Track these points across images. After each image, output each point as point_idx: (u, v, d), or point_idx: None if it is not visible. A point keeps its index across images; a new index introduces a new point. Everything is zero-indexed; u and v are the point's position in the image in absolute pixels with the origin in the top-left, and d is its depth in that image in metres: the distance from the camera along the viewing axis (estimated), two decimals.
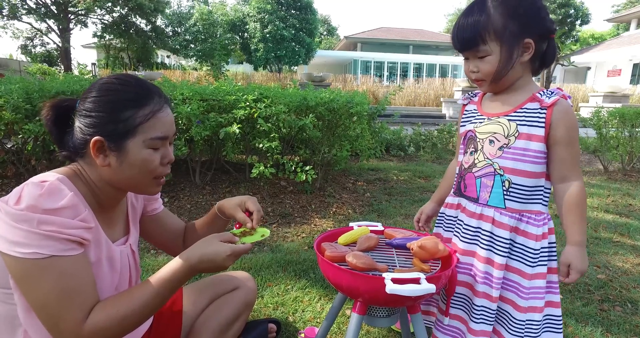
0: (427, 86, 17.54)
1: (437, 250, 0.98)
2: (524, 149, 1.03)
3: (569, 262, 1.01)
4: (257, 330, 1.39)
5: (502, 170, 1.06)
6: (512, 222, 1.05)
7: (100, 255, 0.91)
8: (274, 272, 1.97)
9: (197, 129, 2.89)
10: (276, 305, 1.68)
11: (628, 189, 4.19)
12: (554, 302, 1.08)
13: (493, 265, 1.06)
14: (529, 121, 1.02)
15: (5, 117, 2.72)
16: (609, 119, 5.03)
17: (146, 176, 0.92)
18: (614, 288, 1.94)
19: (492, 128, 1.08)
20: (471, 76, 1.09)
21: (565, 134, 1.01)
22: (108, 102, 0.87)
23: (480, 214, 1.09)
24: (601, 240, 2.65)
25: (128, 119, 0.87)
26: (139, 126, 0.87)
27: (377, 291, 0.85)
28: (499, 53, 1.00)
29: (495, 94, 1.12)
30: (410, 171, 4.65)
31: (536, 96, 1.03)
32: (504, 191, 1.05)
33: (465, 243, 1.11)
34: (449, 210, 1.21)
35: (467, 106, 1.21)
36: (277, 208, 3.07)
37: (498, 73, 1.02)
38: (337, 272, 0.90)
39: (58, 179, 0.83)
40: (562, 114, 1.00)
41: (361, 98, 3.45)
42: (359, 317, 0.97)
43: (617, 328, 1.60)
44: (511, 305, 1.06)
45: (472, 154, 1.12)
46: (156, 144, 0.90)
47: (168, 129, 0.92)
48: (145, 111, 0.88)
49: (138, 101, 0.88)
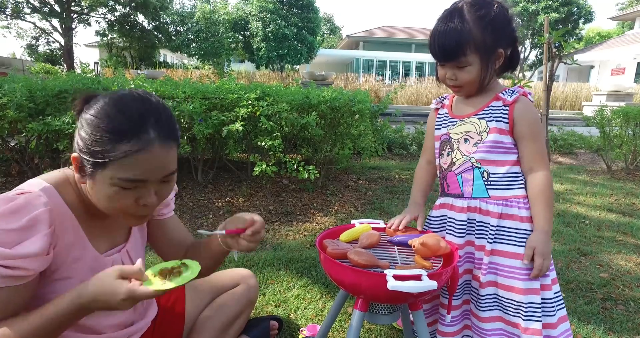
0: (429, 85, 17.48)
1: (439, 247, 0.98)
2: (494, 141, 1.12)
3: (533, 246, 1.06)
4: (259, 327, 1.39)
5: (478, 163, 1.14)
6: (499, 209, 1.12)
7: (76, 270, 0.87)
8: (276, 270, 1.98)
9: (200, 127, 2.90)
10: (278, 302, 1.68)
11: (631, 188, 4.17)
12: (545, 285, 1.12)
13: (483, 251, 1.13)
14: (495, 117, 1.12)
15: (9, 115, 2.73)
16: (612, 118, 5.01)
17: (115, 211, 0.84)
18: (617, 287, 1.93)
19: (465, 127, 1.16)
20: (448, 82, 1.15)
21: (527, 128, 1.10)
22: (95, 125, 0.78)
23: (467, 207, 1.16)
24: (604, 239, 2.64)
25: (102, 151, 0.77)
26: (109, 161, 0.78)
27: (379, 287, 0.85)
28: (479, 64, 1.08)
29: (464, 98, 1.21)
30: (412, 170, 4.63)
31: (499, 95, 1.13)
32: (484, 181, 1.14)
33: (459, 238, 1.16)
34: (435, 211, 1.26)
35: (440, 110, 1.28)
36: (279, 206, 3.07)
37: (477, 82, 1.11)
38: (339, 269, 0.91)
39: (43, 190, 0.81)
40: (522, 110, 1.10)
41: (363, 96, 3.45)
42: (361, 313, 0.97)
43: (620, 327, 1.59)
44: (513, 291, 1.09)
45: (450, 154, 1.20)
46: (127, 185, 0.80)
47: (146, 172, 0.80)
48: (122, 148, 0.77)
49: (121, 135, 0.77)
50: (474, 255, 1.17)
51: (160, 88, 3.14)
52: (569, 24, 23.18)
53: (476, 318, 1.14)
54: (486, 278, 1.11)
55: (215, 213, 2.92)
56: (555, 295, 1.13)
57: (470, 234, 1.17)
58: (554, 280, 1.14)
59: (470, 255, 1.17)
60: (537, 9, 22.52)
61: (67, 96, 3.01)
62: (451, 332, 1.17)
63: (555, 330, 1.10)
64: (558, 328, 1.11)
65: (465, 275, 1.18)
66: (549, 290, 1.11)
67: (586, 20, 23.73)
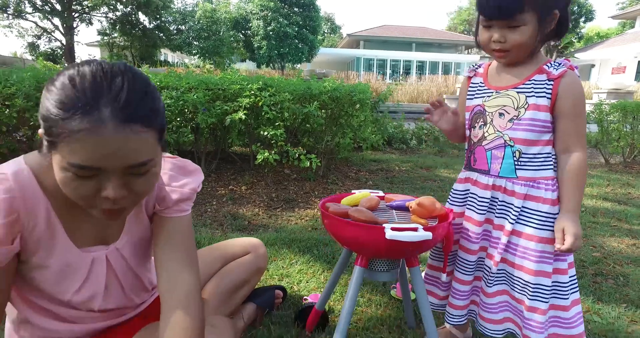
0: (429, 83, 17.55)
1: (435, 208, 1.05)
2: (533, 119, 1.03)
3: (562, 227, 1.01)
4: (265, 295, 1.46)
5: (512, 141, 1.06)
6: (524, 190, 1.06)
7: (50, 259, 0.83)
8: (279, 248, 2.04)
9: (203, 116, 2.97)
10: (281, 276, 1.75)
11: (628, 179, 4.23)
12: (572, 263, 1.11)
13: (503, 231, 1.10)
14: (537, 93, 1.03)
15: (17, 104, 2.80)
16: (610, 112, 5.07)
17: (75, 199, 0.73)
18: (608, 264, 2.00)
19: (501, 101, 1.08)
20: (493, 46, 1.04)
21: (571, 105, 1.01)
22: (46, 97, 0.67)
23: (492, 185, 1.11)
24: (599, 224, 2.70)
25: (51, 128, 0.66)
26: (58, 142, 0.66)
27: (378, 240, 0.91)
28: (535, 24, 0.98)
29: (503, 67, 1.11)
30: (412, 162, 4.71)
31: (543, 68, 1.03)
32: (515, 161, 1.07)
33: (480, 215, 1.13)
34: (459, 185, 1.22)
35: (473, 79, 1.19)
36: (281, 194, 3.14)
37: (528, 46, 1.00)
38: (340, 225, 0.97)
39: (15, 172, 0.75)
40: (569, 85, 1.01)
41: (363, 87, 3.51)
42: (361, 269, 1.04)
43: (608, 297, 1.66)
44: (541, 275, 1.06)
45: (482, 128, 1.12)
46: (80, 172, 0.67)
47: (98, 159, 0.66)
48: (69, 126, 0.64)
49: (69, 111, 0.64)
50: (490, 234, 1.14)
51: (164, 79, 3.21)
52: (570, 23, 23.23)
53: (484, 295, 1.14)
54: (500, 257, 1.10)
55: (219, 200, 2.99)
56: (570, 278, 1.10)
57: (491, 212, 1.13)
58: (570, 264, 1.11)
59: (487, 233, 1.15)
60: None
61: None
62: (460, 305, 1.18)
63: (568, 312, 1.09)
64: (571, 311, 1.10)
65: (480, 253, 1.16)
66: (565, 274, 1.09)
67: (587, 19, 23.80)
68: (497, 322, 1.15)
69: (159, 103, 0.74)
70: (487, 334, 1.15)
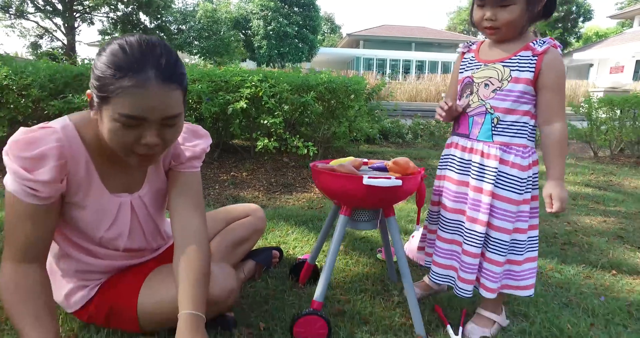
0: (428, 82, 17.73)
1: (409, 166, 1.23)
2: (514, 90, 1.13)
3: (549, 193, 1.12)
4: (264, 254, 1.64)
5: (492, 109, 1.17)
6: (499, 153, 1.16)
7: (87, 201, 1.00)
8: (277, 222, 2.23)
9: (207, 105, 3.16)
10: (278, 243, 1.94)
11: (612, 169, 4.42)
12: (534, 225, 1.24)
13: (482, 192, 1.19)
14: (521, 67, 1.12)
15: (33, 94, 2.99)
16: (599, 106, 5.25)
17: (117, 146, 0.90)
18: (577, 236, 2.19)
19: (488, 73, 1.18)
20: (485, 24, 1.14)
21: (553, 79, 1.11)
22: (101, 61, 0.85)
23: (470, 148, 1.21)
24: (577, 206, 2.89)
25: (106, 85, 0.83)
26: (111, 96, 0.83)
27: (357, 188, 1.10)
28: (524, 3, 1.08)
29: (494, 43, 1.21)
30: (407, 154, 4.90)
31: (529, 44, 1.13)
32: (493, 127, 1.17)
33: (458, 174, 1.24)
34: (445, 150, 1.33)
35: (466, 54, 1.29)
36: (280, 179, 3.33)
37: (517, 24, 1.11)
38: (326, 177, 1.16)
39: (63, 127, 0.92)
40: (551, 61, 1.10)
41: (358, 79, 3.70)
42: (345, 218, 1.22)
43: (571, 260, 1.85)
44: (500, 231, 1.18)
45: (467, 97, 1.22)
46: (127, 122, 0.85)
47: (144, 110, 0.84)
48: (122, 83, 0.82)
49: (122, 71, 0.82)
50: (466, 195, 1.23)
51: None
52: (569, 23, 23.37)
53: (465, 254, 1.23)
54: (483, 219, 1.18)
55: (221, 184, 3.17)
56: (529, 238, 1.22)
57: (467, 174, 1.22)
58: (532, 226, 1.22)
59: (463, 195, 1.24)
60: None
61: (83, 78, 3.28)
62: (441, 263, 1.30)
63: (520, 266, 1.23)
64: (523, 266, 1.23)
65: (456, 214, 1.25)
66: (524, 233, 1.21)
67: (585, 19, 23.96)
68: (470, 282, 1.25)
69: (184, 69, 0.92)
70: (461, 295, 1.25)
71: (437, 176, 1.35)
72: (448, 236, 1.29)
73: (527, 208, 1.21)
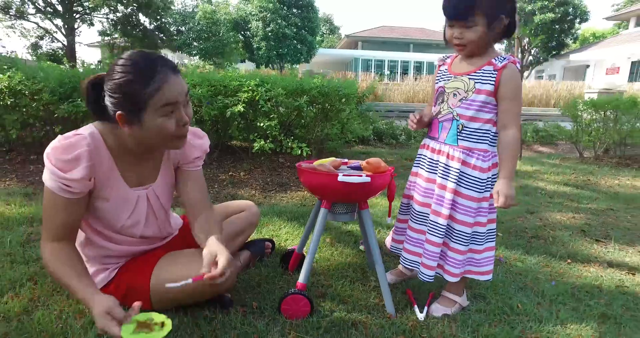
0: (425, 83, 17.93)
1: (380, 166, 1.43)
2: (476, 100, 1.31)
3: (497, 190, 1.30)
4: (257, 245, 1.85)
5: (458, 117, 1.35)
6: (462, 156, 1.34)
7: (111, 194, 1.21)
8: (270, 218, 2.43)
9: (207, 109, 3.36)
10: (272, 236, 2.14)
11: (593, 169, 4.62)
12: (493, 219, 1.42)
13: (446, 189, 1.38)
14: (484, 80, 1.31)
15: (44, 98, 3.19)
16: (584, 108, 5.46)
17: (167, 138, 1.14)
18: (545, 230, 2.39)
19: (456, 84, 1.36)
20: (454, 41, 1.33)
21: (509, 90, 1.29)
22: (121, 85, 1.05)
23: (439, 150, 1.40)
24: (552, 204, 3.09)
25: (138, 96, 1.05)
26: (148, 100, 1.05)
27: (334, 184, 1.30)
28: (484, 25, 1.27)
29: (464, 58, 1.39)
30: (399, 155, 5.10)
31: (491, 61, 1.31)
32: (458, 132, 1.36)
33: (428, 173, 1.44)
34: (420, 150, 1.52)
35: (442, 67, 1.48)
36: (275, 179, 3.53)
37: (480, 42, 1.30)
38: (308, 174, 1.36)
39: (90, 134, 1.13)
40: (508, 75, 1.29)
41: (349, 83, 3.90)
42: (325, 210, 1.42)
43: (534, 251, 2.05)
44: (462, 224, 1.37)
45: (440, 105, 1.41)
46: (167, 111, 1.09)
47: (175, 95, 1.09)
48: (152, 87, 1.05)
49: (145, 81, 1.05)
50: (433, 192, 1.42)
51: None
52: (565, 24, 23.54)
53: (427, 243, 1.42)
54: (445, 213, 1.37)
55: (220, 184, 3.37)
56: (487, 231, 1.41)
57: (434, 173, 1.42)
58: (490, 220, 1.41)
59: (430, 191, 1.43)
60: (534, 9, 22.92)
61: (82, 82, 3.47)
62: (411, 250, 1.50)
63: (480, 255, 1.44)
64: (482, 255, 1.45)
65: (424, 207, 1.44)
66: (483, 226, 1.40)
67: (582, 20, 24.07)
68: (431, 268, 1.45)
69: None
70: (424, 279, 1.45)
71: (411, 173, 1.56)
72: (417, 227, 1.49)
73: (487, 205, 1.40)
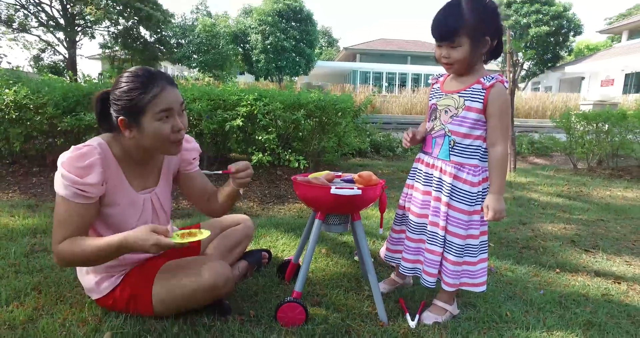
0: (423, 95, 18.13)
1: (371, 179, 1.50)
2: (466, 118, 1.38)
3: (487, 204, 1.37)
4: (254, 255, 1.90)
5: (450, 133, 1.42)
6: (454, 171, 1.41)
7: (120, 199, 1.31)
8: (268, 229, 2.49)
9: (207, 123, 3.44)
10: (269, 247, 2.19)
11: (586, 180, 4.70)
12: (485, 231, 1.48)
13: (440, 201, 1.45)
14: (473, 98, 1.38)
15: (48, 112, 3.27)
16: (577, 120, 5.56)
17: (162, 142, 1.25)
18: (536, 241, 2.45)
19: (447, 101, 1.43)
20: (442, 60, 1.40)
21: (497, 109, 1.35)
22: (124, 92, 1.20)
23: (432, 164, 1.48)
24: (545, 215, 3.16)
25: (138, 101, 1.19)
26: (147, 105, 1.19)
27: (327, 196, 1.36)
28: (469, 45, 1.33)
29: (455, 76, 1.47)
30: (395, 167, 5.17)
31: (480, 80, 1.38)
32: (450, 148, 1.42)
33: (423, 185, 1.51)
34: (415, 163, 1.59)
35: (434, 85, 1.56)
36: (273, 191, 3.59)
37: (465, 61, 1.36)
38: (303, 187, 1.42)
39: (99, 144, 1.25)
40: (496, 94, 1.35)
41: (345, 97, 4.00)
42: (319, 221, 1.48)
43: (525, 261, 2.11)
44: (455, 236, 1.43)
45: (433, 121, 1.48)
46: (163, 116, 1.21)
47: (170, 103, 1.23)
48: (150, 94, 1.20)
49: (144, 88, 1.20)
50: (430, 203, 1.48)
51: None
52: (560, 37, 23.91)
53: (427, 252, 1.49)
54: (442, 224, 1.44)
55: None
56: (480, 243, 1.47)
57: (430, 186, 1.48)
58: (482, 232, 1.47)
59: (427, 203, 1.49)
60: (529, 22, 23.32)
61: (92, 97, 3.56)
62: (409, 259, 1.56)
63: (475, 266, 1.50)
64: (477, 266, 1.51)
65: (422, 218, 1.51)
66: (476, 239, 1.46)
67: (576, 33, 24.50)
68: (432, 275, 1.52)
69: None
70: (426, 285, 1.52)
71: (406, 185, 1.63)
72: (415, 237, 1.56)
73: (478, 218, 1.47)
